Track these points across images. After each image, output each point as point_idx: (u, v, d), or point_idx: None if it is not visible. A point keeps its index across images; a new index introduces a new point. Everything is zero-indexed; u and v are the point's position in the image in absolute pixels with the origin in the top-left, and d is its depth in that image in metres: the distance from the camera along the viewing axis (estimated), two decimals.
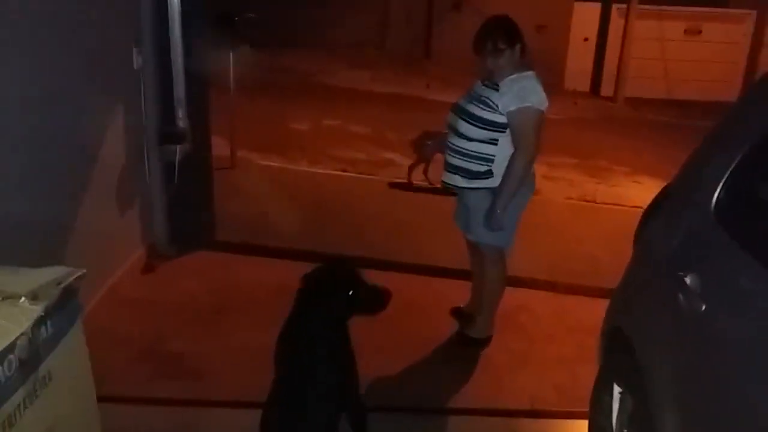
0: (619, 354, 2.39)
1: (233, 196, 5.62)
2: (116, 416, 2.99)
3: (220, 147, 6.40)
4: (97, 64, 3.68)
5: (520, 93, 3.22)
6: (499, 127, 3.27)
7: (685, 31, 11.33)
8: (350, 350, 2.52)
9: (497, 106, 3.25)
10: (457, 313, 3.95)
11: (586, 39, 11.34)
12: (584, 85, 11.41)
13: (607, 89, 11.28)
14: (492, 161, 3.32)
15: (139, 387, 3.21)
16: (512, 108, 3.21)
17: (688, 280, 1.98)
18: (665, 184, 2.73)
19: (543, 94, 3.25)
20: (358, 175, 6.73)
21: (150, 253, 4.40)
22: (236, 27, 6.16)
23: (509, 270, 3.80)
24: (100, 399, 3.07)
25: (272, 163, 6.83)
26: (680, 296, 2.00)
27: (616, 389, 2.44)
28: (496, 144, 3.31)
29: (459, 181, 3.45)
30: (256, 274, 4.35)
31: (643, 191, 7.13)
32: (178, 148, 4.13)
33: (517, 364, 3.68)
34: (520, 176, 3.26)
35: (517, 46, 3.27)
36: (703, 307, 1.94)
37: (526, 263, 5.03)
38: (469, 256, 3.82)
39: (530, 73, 3.31)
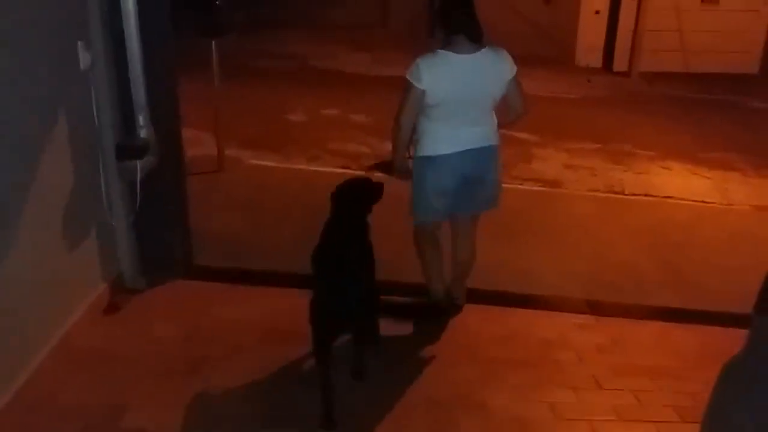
0: None
1: (218, 208, 4.92)
2: None
3: (206, 146, 5.74)
4: (32, 66, 2.95)
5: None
6: None
7: (703, 0, 10.57)
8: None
9: None
10: None
11: (597, 11, 10.60)
12: (596, 61, 10.71)
13: (620, 64, 10.61)
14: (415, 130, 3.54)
15: None
16: None
17: None
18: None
19: (417, 73, 3.25)
20: (361, 173, 6.00)
21: (114, 288, 3.69)
22: (217, 10, 5.38)
23: (536, 287, 4.10)
24: None
25: (265, 162, 6.08)
26: None
27: None
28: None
29: None
30: (243, 310, 3.65)
31: (673, 178, 6.47)
32: (140, 163, 3.40)
33: (561, 422, 3.00)
34: (392, 138, 3.44)
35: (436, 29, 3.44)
36: None
37: (554, 276, 4.38)
38: None
39: (437, 51, 3.32)
